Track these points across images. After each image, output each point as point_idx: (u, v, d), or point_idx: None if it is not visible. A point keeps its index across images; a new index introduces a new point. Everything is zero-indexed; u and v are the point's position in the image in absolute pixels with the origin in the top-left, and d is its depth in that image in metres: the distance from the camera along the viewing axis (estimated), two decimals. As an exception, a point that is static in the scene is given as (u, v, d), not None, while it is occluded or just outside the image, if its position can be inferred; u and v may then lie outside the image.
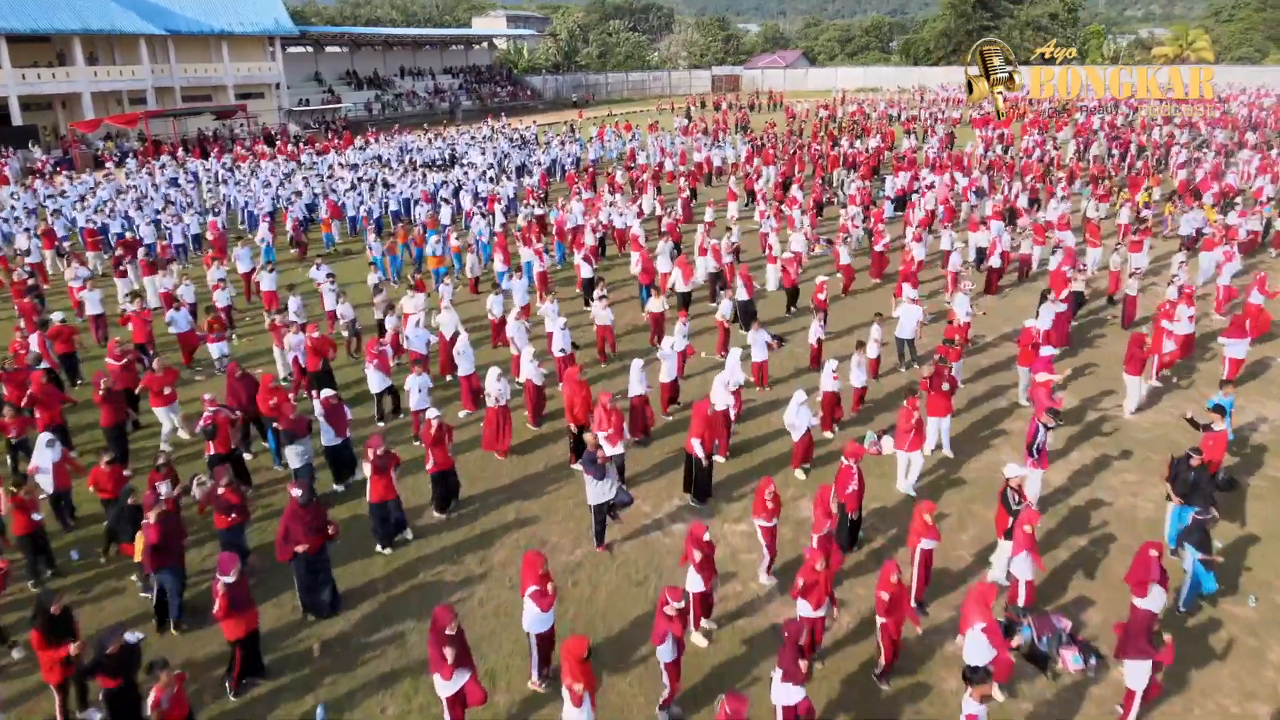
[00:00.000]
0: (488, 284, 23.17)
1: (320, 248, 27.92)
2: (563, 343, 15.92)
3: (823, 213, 30.43)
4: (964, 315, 17.05)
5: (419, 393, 14.01)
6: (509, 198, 31.61)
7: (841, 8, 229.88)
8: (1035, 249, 23.35)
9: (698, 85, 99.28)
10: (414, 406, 14.09)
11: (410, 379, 13.99)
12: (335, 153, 42.90)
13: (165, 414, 14.45)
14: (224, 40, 57.56)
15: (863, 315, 20.55)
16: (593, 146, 43.84)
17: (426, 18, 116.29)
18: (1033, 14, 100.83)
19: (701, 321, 20.00)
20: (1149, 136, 44.15)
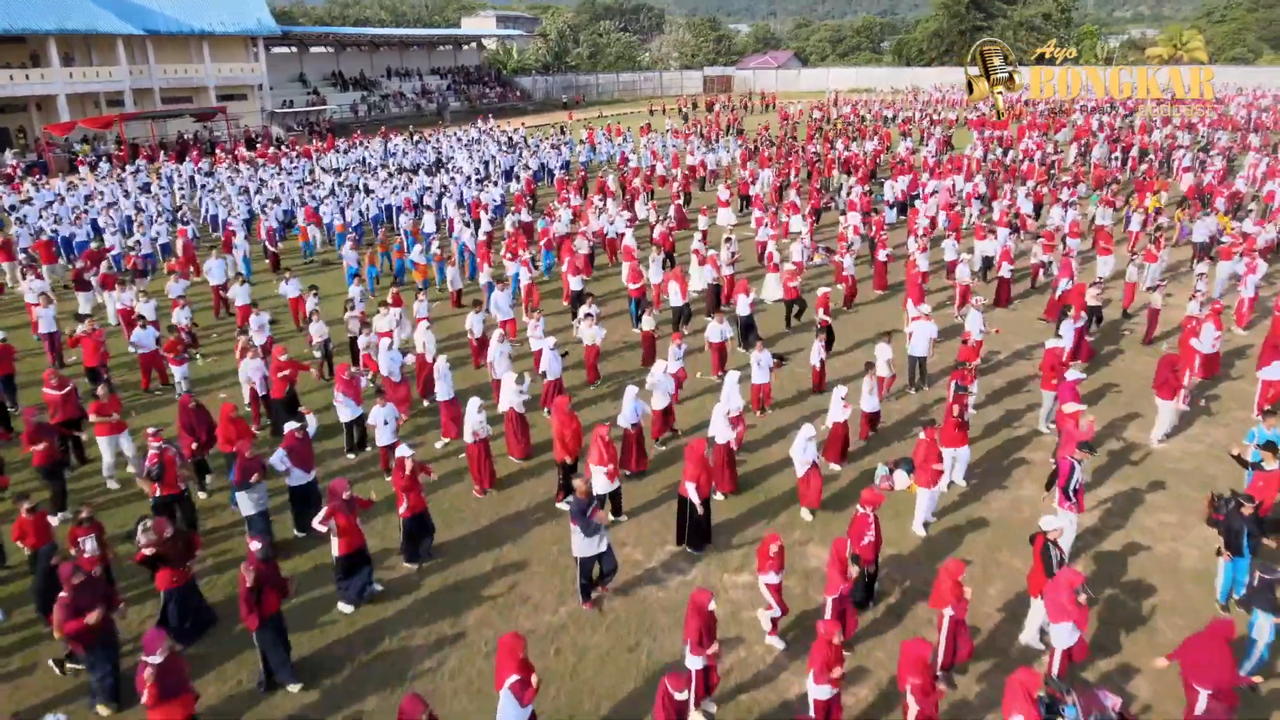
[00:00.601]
0: (471, 297, 22.02)
1: (297, 257, 26.73)
2: (550, 366, 14.76)
3: (820, 218, 29.41)
4: (977, 333, 15.98)
5: (385, 425, 12.84)
6: (495, 204, 30.45)
7: (832, 8, 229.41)
8: (1045, 257, 22.28)
9: (689, 86, 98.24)
10: (380, 441, 12.93)
11: (375, 411, 12.80)
12: (316, 156, 41.53)
13: (109, 445, 13.24)
14: (205, 40, 56.14)
15: (866, 330, 19.52)
16: (583, 150, 42.67)
17: (416, 18, 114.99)
18: (1026, 14, 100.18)
19: (700, 338, 18.88)
20: (1149, 138, 43.16)
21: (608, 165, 43.07)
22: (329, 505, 9.94)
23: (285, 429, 11.56)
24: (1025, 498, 12.37)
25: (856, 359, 17.73)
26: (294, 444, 11.45)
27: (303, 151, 44.15)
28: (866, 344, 18.68)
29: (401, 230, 27.06)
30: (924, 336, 15.79)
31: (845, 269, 20.80)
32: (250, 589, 8.51)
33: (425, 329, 16.05)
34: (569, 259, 20.69)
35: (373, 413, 12.84)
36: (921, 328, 15.80)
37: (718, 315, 16.50)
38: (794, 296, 19.33)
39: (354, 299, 18.43)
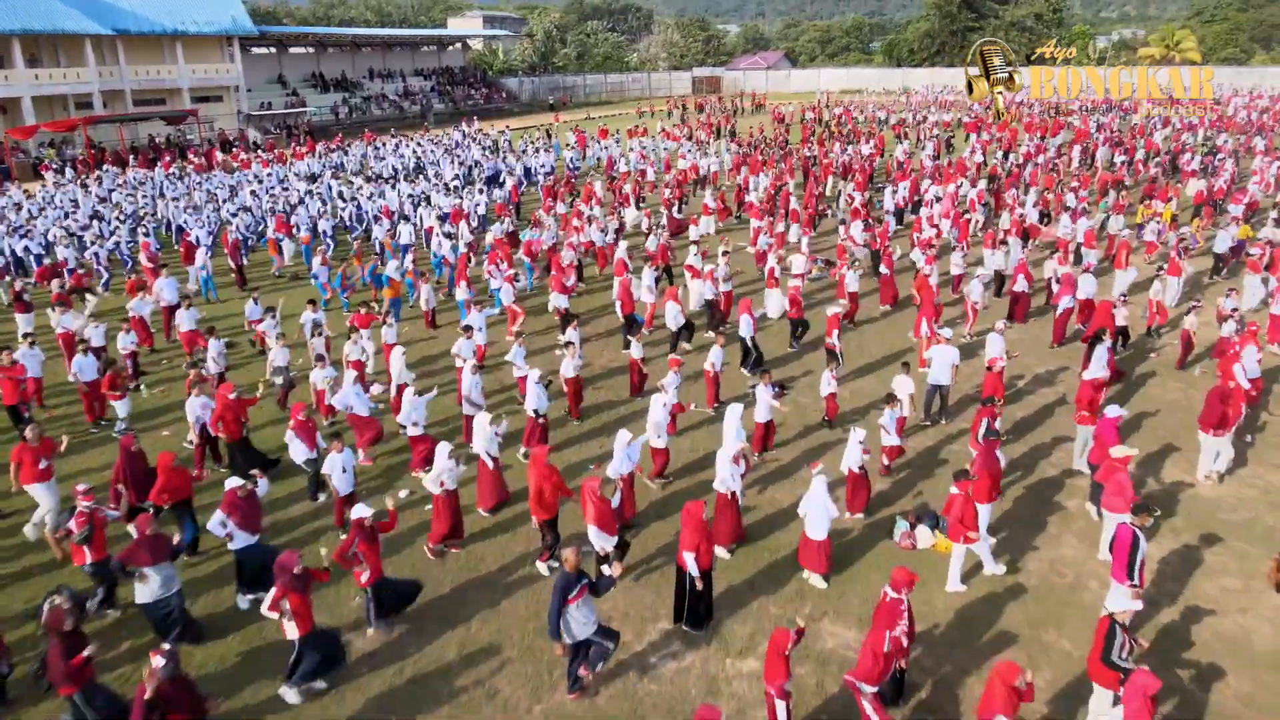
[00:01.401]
0: (445, 317, 20.47)
1: (265, 271, 25.15)
2: (535, 401, 13.22)
3: (817, 226, 27.99)
4: (1002, 361, 14.54)
5: (342, 473, 11.30)
6: (477, 213, 28.90)
7: (820, 9, 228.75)
8: (1062, 270, 20.82)
9: (678, 87, 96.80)
10: (340, 489, 11.39)
11: (330, 459, 11.25)
12: (291, 161, 39.81)
13: (44, 492, 11.69)
14: (178, 40, 54.39)
15: (872, 350, 18.11)
16: (570, 153, 41.11)
17: (402, 18, 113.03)
18: (1018, 15, 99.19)
19: (701, 359, 17.40)
20: (1150, 140, 41.90)
21: (595, 170, 41.60)
22: (278, 584, 8.41)
23: (227, 486, 10.00)
24: (1066, 559, 10.92)
25: (866, 387, 16.29)
26: (235, 504, 9.90)
27: (278, 156, 42.45)
28: (876, 368, 17.28)
29: (376, 241, 25.48)
30: (945, 363, 14.33)
31: (849, 284, 19.35)
32: (147, 703, 6.99)
33: (398, 355, 14.47)
34: (553, 275, 19.15)
35: (328, 461, 11.29)
36: (942, 353, 14.35)
37: (718, 338, 15.00)
38: (798, 316, 17.84)
39: (311, 325, 16.90)
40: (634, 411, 15.23)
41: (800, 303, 17.66)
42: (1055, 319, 18.21)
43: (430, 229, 25.44)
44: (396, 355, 14.36)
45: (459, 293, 19.39)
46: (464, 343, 15.37)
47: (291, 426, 11.99)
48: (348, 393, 13.12)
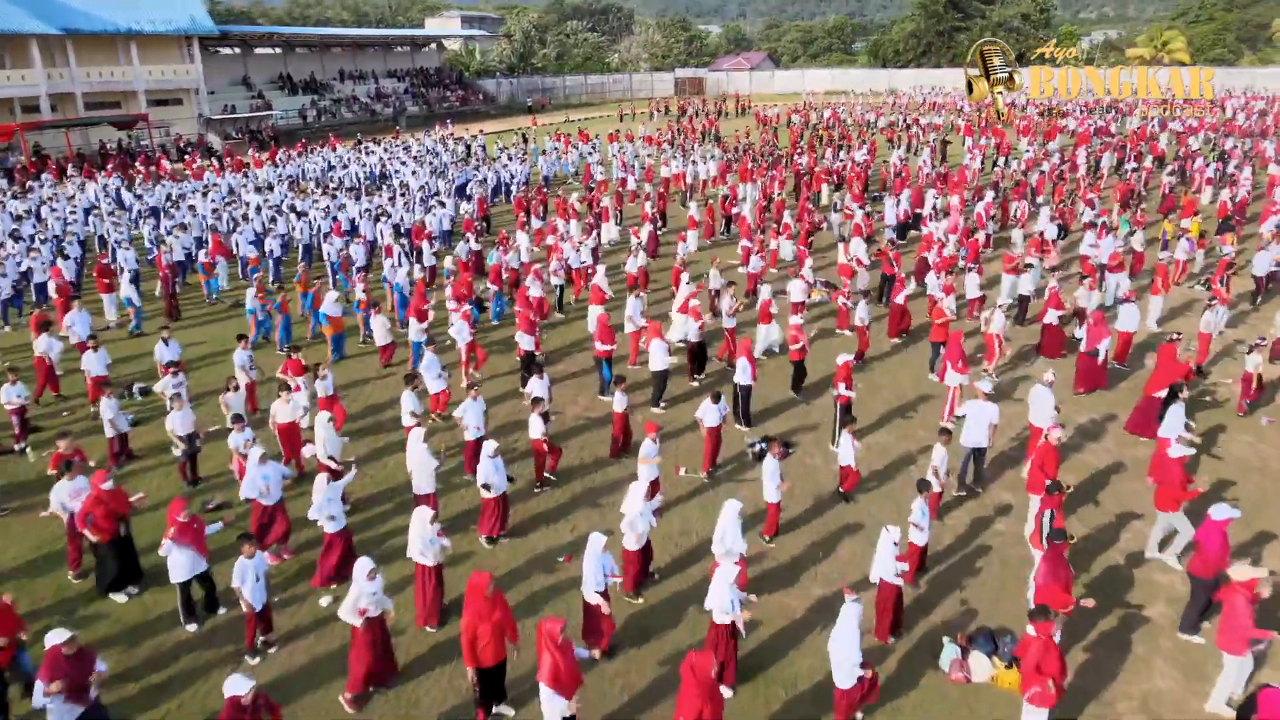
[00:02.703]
0: (404, 353, 17.97)
1: (198, 302, 22.59)
2: (489, 477, 10.80)
3: (812, 242, 25.64)
4: (1048, 419, 12.26)
5: (255, 583, 8.85)
6: (442, 229, 26.38)
7: (801, 9, 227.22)
8: (1091, 297, 18.56)
9: (660, 88, 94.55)
10: (254, 602, 8.90)
11: (238, 565, 8.78)
12: (247, 170, 37.04)
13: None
14: (132, 40, 51.41)
15: (885, 394, 15.84)
16: (546, 161, 38.58)
17: (379, 18, 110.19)
18: (1004, 15, 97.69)
19: (684, 412, 15.02)
20: (1155, 145, 39.92)
21: (573, 177, 39.15)
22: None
23: (47, 640, 7.47)
24: (1164, 693, 8.62)
25: (882, 443, 13.95)
26: (57, 665, 7.38)
27: (235, 164, 39.74)
28: (891, 416, 14.96)
29: (328, 261, 22.93)
30: (983, 422, 12.00)
31: (857, 317, 16.97)
32: None
33: (325, 424, 11.91)
34: (519, 310, 16.69)
35: (235, 568, 8.81)
36: (980, 411, 12.02)
37: (712, 396, 12.58)
38: (799, 359, 15.46)
39: (239, 370, 14.43)
40: (613, 481, 12.83)
41: (801, 341, 15.24)
42: (1083, 364, 15.66)
43: (389, 248, 22.89)
44: (321, 423, 11.79)
45: (412, 330, 16.84)
46: (410, 397, 12.92)
47: (169, 533, 9.39)
48: (257, 472, 10.59)
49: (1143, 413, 13.71)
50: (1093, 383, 15.54)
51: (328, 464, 11.52)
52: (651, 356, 15.00)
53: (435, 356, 14.67)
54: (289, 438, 12.69)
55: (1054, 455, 10.74)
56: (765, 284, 18.22)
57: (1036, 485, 10.58)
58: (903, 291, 17.88)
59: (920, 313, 18.74)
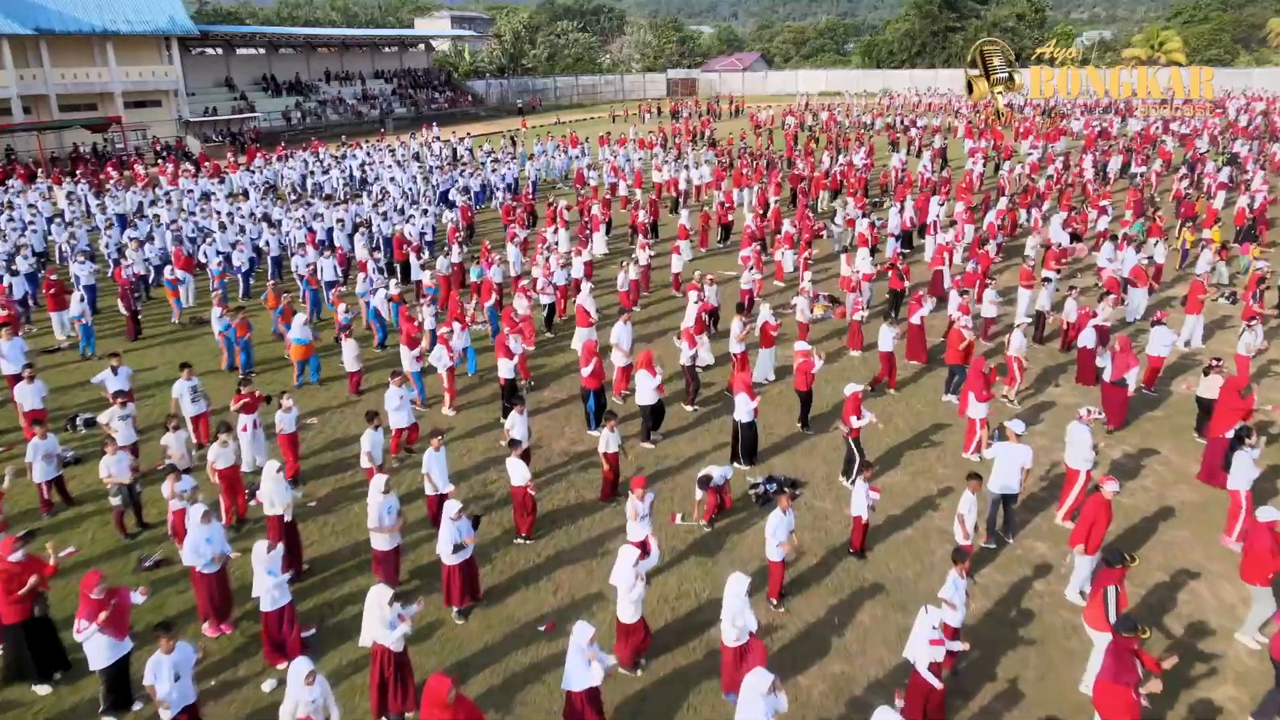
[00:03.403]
0: (378, 376, 16.60)
1: (161, 321, 21.20)
2: (449, 541, 9.47)
3: (811, 253, 24.27)
4: (1085, 460, 11.01)
5: (176, 681, 7.48)
6: (424, 238, 24.97)
7: (792, 10, 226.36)
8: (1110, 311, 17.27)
9: (652, 90, 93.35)
10: (175, 705, 7.52)
11: (152, 662, 7.40)
12: (224, 175, 35.50)
13: None
14: (108, 41, 49.83)
15: (899, 423, 14.62)
16: (534, 165, 37.16)
17: (368, 19, 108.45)
18: (999, 15, 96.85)
19: (681, 441, 13.71)
20: (1163, 148, 38.76)
21: (561, 182, 37.79)
22: None
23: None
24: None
25: (898, 485, 12.64)
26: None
27: (211, 169, 38.27)
28: (905, 449, 13.70)
29: (296, 276, 21.52)
30: (1013, 466, 10.74)
31: (884, 342, 15.42)
32: None
33: (274, 475, 10.42)
34: (499, 332, 15.36)
35: (149, 665, 7.41)
36: (1010, 454, 10.75)
37: (701, 480, 11.30)
38: (805, 388, 14.15)
39: (180, 402, 13.09)
40: (602, 532, 11.52)
41: (809, 371, 13.92)
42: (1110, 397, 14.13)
43: (363, 263, 21.51)
44: (270, 474, 10.34)
45: (405, 360, 15.32)
46: (371, 435, 11.60)
47: (81, 610, 8.01)
48: (190, 540, 9.22)
49: (1210, 459, 12.37)
50: (1123, 416, 14.24)
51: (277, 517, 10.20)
52: (638, 389, 13.62)
53: (400, 388, 13.22)
54: (231, 486, 11.33)
55: (1106, 511, 9.44)
56: (764, 302, 16.91)
57: (1088, 543, 9.33)
58: (920, 310, 16.54)
59: (932, 330, 17.49)
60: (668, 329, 19.16)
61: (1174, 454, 13.41)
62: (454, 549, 9.49)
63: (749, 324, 15.53)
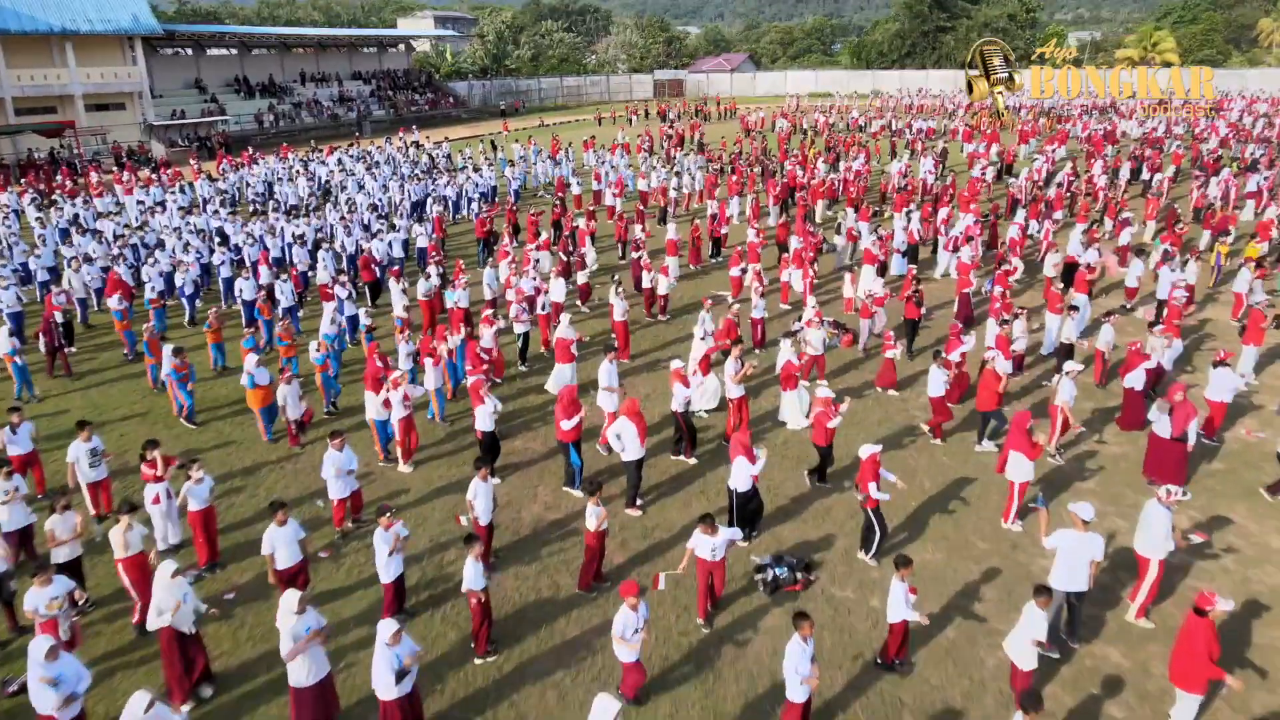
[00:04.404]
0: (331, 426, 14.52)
1: (109, 350, 19.04)
2: (394, 662, 7.44)
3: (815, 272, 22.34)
4: (1162, 548, 9.09)
5: None
6: (394, 258, 22.86)
7: (779, 10, 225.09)
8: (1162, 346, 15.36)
9: (639, 91, 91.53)
10: None
11: None
12: (179, 185, 33.15)
13: None
14: (68, 40, 47.48)
15: (925, 482, 12.48)
16: (515, 171, 35.04)
17: (351, 19, 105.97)
18: (990, 15, 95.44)
19: (671, 506, 11.70)
20: (1177, 153, 37.01)
21: (544, 190, 35.71)
22: None
23: None
24: None
25: (931, 564, 10.64)
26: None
27: (172, 176, 35.96)
28: (934, 517, 11.68)
29: (239, 301, 19.35)
30: (1082, 559, 8.77)
31: (934, 386, 13.29)
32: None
33: (167, 582, 8.09)
34: (471, 380, 13.31)
35: None
36: (1078, 545, 8.77)
37: (704, 528, 9.25)
38: (826, 442, 12.15)
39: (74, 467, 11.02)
40: (579, 635, 9.51)
41: (828, 424, 11.90)
42: (1166, 453, 12.03)
43: (325, 288, 19.39)
44: (163, 580, 8.19)
45: (369, 407, 13.22)
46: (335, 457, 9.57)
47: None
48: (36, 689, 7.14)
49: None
50: (1183, 476, 12.27)
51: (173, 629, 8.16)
52: (623, 443, 11.60)
53: (342, 452, 11.08)
54: (143, 577, 9.21)
55: (1210, 637, 7.49)
56: (785, 337, 14.79)
57: (1198, 681, 7.42)
58: (961, 347, 14.52)
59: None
60: (657, 363, 17.19)
61: (1250, 520, 11.50)
62: (396, 678, 7.47)
63: (748, 360, 13.48)
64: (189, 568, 10.06)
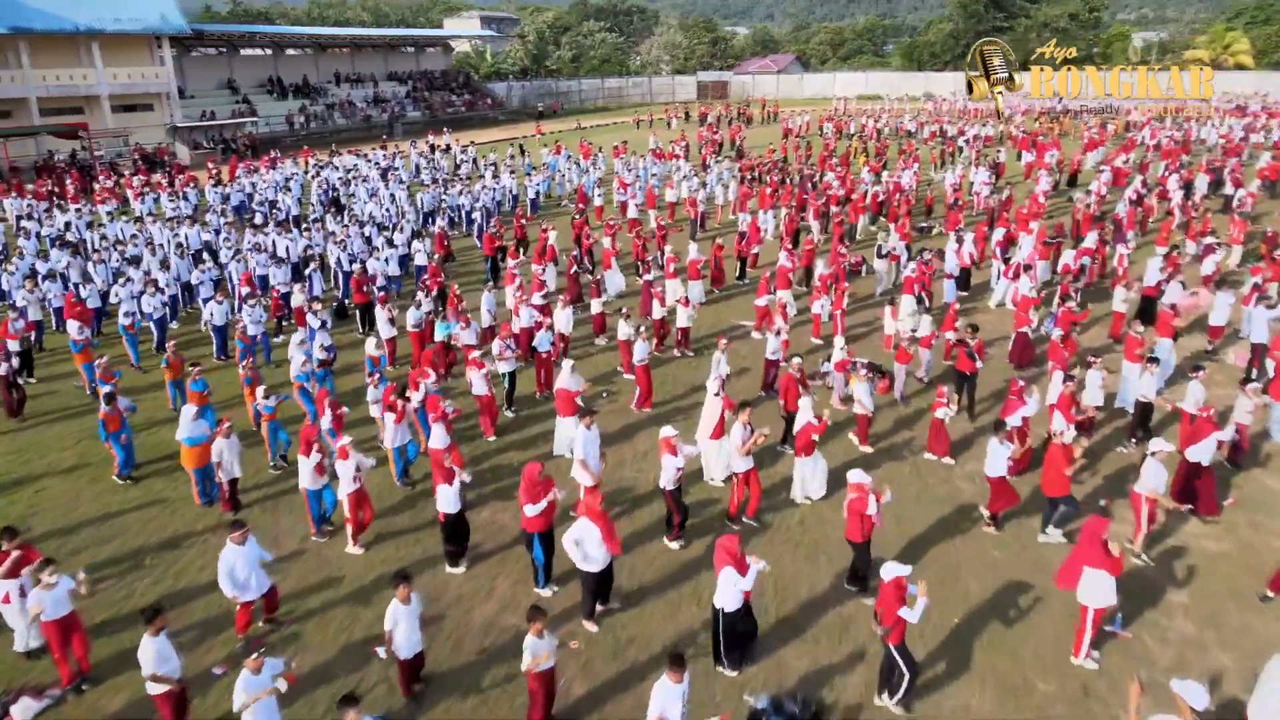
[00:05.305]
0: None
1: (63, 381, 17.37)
2: None
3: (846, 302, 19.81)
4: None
5: None
6: (391, 277, 20.91)
7: (830, 10, 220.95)
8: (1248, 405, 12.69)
9: (681, 92, 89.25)
10: None
11: None
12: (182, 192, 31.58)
13: None
14: (94, 40, 46.65)
15: (971, 588, 9.94)
16: (536, 180, 32.95)
17: (399, 19, 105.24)
18: (1050, 15, 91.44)
19: (646, 623, 9.47)
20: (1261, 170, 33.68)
21: (567, 200, 33.60)
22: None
23: None
24: None
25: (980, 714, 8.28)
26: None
27: (183, 182, 34.60)
28: (977, 637, 9.27)
29: (208, 327, 17.55)
30: None
31: (995, 459, 10.71)
32: None
33: None
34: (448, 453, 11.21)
35: None
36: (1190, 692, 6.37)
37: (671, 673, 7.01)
38: (863, 538, 9.70)
39: None
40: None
41: (864, 513, 9.49)
42: None
43: (299, 311, 17.47)
44: None
45: (302, 474, 11.22)
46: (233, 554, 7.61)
47: None
48: None
49: None
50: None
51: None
52: (585, 549, 9.25)
53: (244, 546, 8.98)
54: None
55: None
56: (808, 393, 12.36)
57: None
58: (1021, 409, 12.01)
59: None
60: (668, 411, 14.97)
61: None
62: None
63: (760, 434, 11.08)
64: (42, 689, 8.07)
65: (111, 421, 12.64)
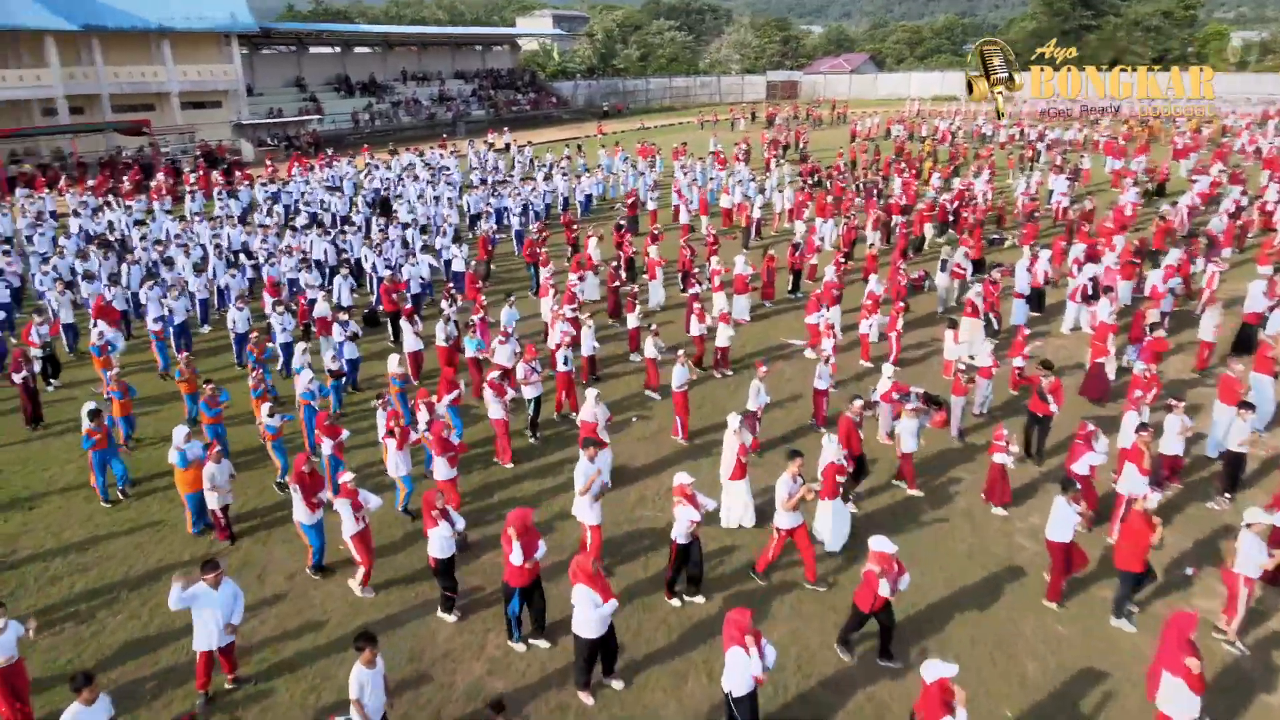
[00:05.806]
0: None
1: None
2: None
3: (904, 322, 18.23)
4: None
5: None
6: (421, 283, 20.06)
7: (909, 9, 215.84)
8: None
9: (750, 92, 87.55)
10: None
11: None
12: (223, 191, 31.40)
13: None
14: (165, 38, 47.31)
15: (1034, 672, 8.50)
16: (587, 183, 31.97)
17: (474, 18, 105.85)
18: (1142, 12, 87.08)
19: (651, 692, 8.37)
20: None
21: (620, 203, 32.52)
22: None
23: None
24: None
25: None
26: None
27: (238, 179, 34.57)
28: None
29: (232, 332, 16.95)
30: None
31: (1062, 528, 9.31)
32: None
33: None
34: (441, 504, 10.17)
35: None
36: None
37: None
38: (869, 610, 8.40)
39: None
40: None
41: (875, 591, 8.17)
42: None
43: (322, 321, 16.63)
44: None
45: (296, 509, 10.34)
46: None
47: None
48: None
49: None
50: None
51: None
52: (575, 610, 8.15)
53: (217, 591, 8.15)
54: None
55: None
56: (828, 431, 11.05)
57: None
58: (1088, 456, 10.49)
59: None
60: (698, 445, 13.78)
61: None
62: None
63: (807, 487, 9.76)
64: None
65: (94, 437, 11.91)
